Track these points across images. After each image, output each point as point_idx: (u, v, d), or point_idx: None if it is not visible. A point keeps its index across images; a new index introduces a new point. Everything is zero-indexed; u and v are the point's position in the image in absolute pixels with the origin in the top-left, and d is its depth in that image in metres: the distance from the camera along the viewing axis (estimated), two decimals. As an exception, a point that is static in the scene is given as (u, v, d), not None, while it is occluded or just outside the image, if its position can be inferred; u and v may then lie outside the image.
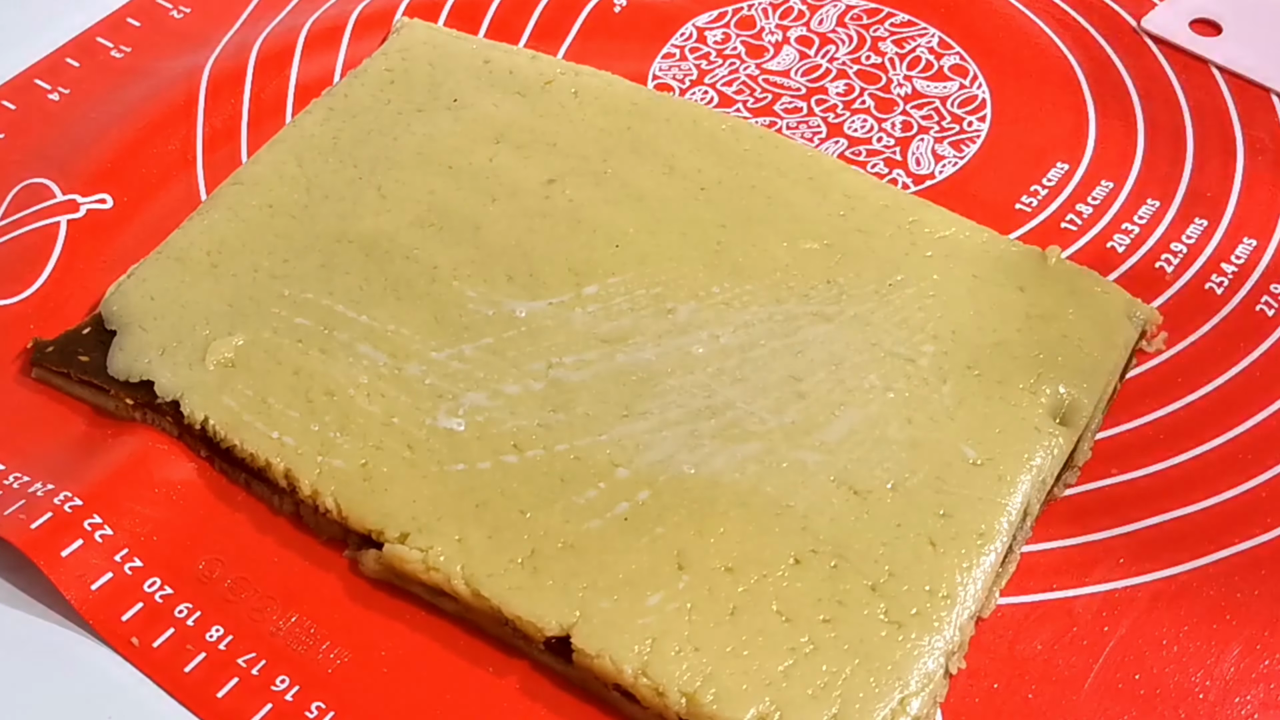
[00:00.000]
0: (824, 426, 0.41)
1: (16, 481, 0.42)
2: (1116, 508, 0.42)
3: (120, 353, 0.44)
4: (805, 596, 0.38)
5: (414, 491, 0.40)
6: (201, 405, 0.42)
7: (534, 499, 0.40)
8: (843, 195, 0.48)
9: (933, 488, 0.40)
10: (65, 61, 0.57)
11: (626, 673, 0.36)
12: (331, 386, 0.43)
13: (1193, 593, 0.40)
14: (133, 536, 0.41)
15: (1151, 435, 0.44)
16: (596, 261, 0.46)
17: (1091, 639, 0.39)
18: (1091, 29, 0.58)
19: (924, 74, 0.56)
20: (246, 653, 0.39)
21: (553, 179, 0.49)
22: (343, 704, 0.38)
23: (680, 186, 0.48)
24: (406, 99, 0.52)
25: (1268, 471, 0.43)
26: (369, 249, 0.46)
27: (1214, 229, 0.50)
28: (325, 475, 0.40)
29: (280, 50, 0.57)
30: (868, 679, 0.36)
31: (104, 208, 0.51)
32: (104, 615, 0.39)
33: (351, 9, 0.59)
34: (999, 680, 0.38)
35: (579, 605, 0.37)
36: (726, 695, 0.36)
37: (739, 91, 0.56)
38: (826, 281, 0.45)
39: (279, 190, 0.49)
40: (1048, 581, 0.40)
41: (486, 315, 0.44)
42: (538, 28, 0.58)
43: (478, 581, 0.38)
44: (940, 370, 0.43)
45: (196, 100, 0.55)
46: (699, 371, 0.43)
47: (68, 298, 0.48)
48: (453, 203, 0.48)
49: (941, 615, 0.37)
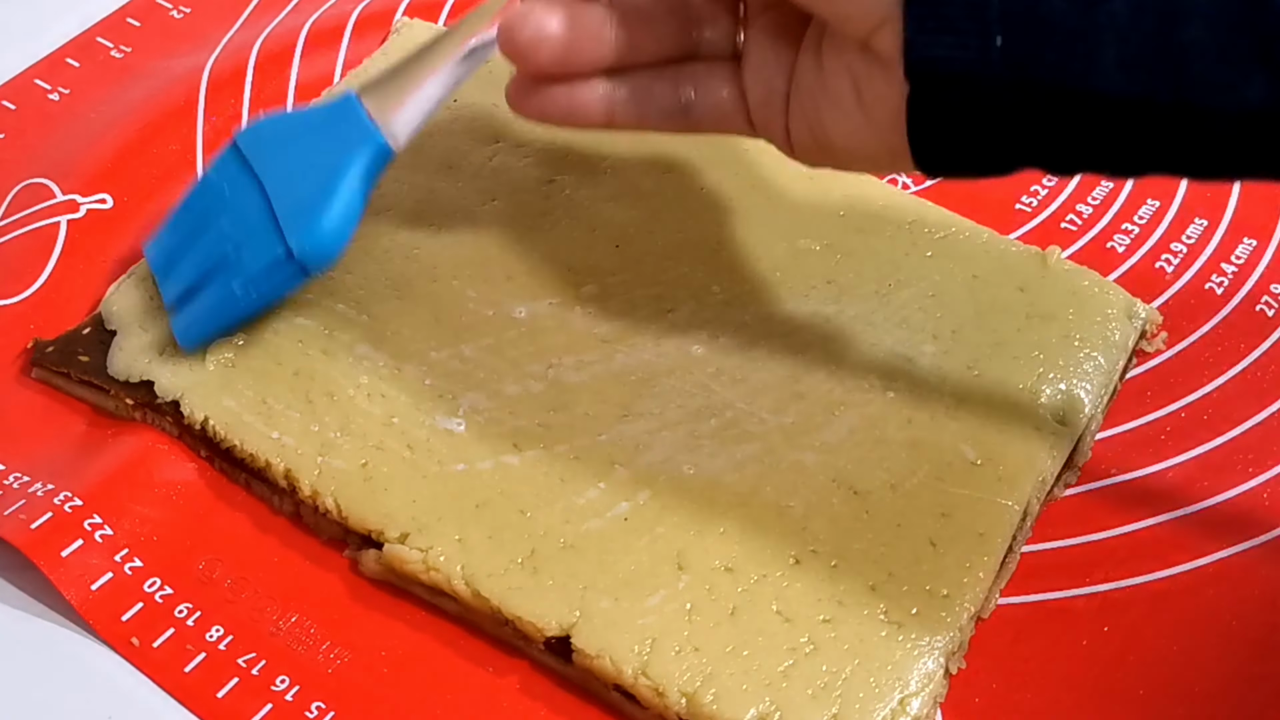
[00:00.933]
0: (824, 426, 0.41)
1: (16, 481, 0.42)
2: (1116, 508, 0.42)
3: (120, 353, 0.44)
4: (805, 596, 0.38)
5: (414, 491, 0.40)
6: (201, 405, 0.42)
7: (534, 499, 0.40)
8: (843, 195, 0.48)
9: (933, 488, 0.40)
10: (65, 61, 0.57)
11: (626, 673, 0.36)
12: (331, 387, 0.42)
13: (1193, 593, 0.40)
14: (133, 536, 0.41)
15: (1151, 435, 0.44)
16: (596, 261, 0.46)
17: (1091, 639, 0.39)
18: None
19: (924, 74, 0.56)
20: (246, 653, 0.39)
21: (552, 179, 0.49)
22: (343, 704, 0.38)
23: (680, 186, 0.48)
24: (406, 99, 0.52)
25: (1268, 471, 0.43)
26: (369, 249, 0.46)
27: (1214, 229, 0.50)
28: (325, 475, 0.40)
29: (280, 50, 0.57)
30: (868, 679, 0.36)
31: (104, 208, 0.51)
32: (104, 615, 0.39)
33: (351, 9, 0.59)
34: (999, 680, 0.38)
35: (579, 605, 0.37)
36: (726, 695, 0.36)
37: (739, 91, 0.56)
38: (826, 281, 0.45)
39: (279, 190, 0.49)
40: (1048, 581, 0.40)
41: (486, 315, 0.44)
42: (538, 28, 0.58)
43: (478, 581, 0.38)
44: (940, 370, 0.43)
45: (196, 100, 0.55)
46: (698, 372, 0.43)
47: (68, 298, 0.48)
48: (452, 202, 0.48)
49: (941, 615, 0.37)
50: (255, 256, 0.41)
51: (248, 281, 0.41)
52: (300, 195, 0.41)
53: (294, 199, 0.41)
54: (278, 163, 0.42)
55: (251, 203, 0.42)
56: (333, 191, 0.40)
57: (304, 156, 0.42)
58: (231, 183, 0.43)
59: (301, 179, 0.41)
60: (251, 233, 0.41)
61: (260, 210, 0.41)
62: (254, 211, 0.41)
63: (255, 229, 0.41)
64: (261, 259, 0.41)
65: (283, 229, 0.40)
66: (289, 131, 0.43)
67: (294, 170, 0.41)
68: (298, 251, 0.40)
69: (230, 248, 0.42)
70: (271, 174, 0.42)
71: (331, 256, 0.41)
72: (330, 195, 0.40)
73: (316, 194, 0.40)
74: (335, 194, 0.40)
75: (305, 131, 0.42)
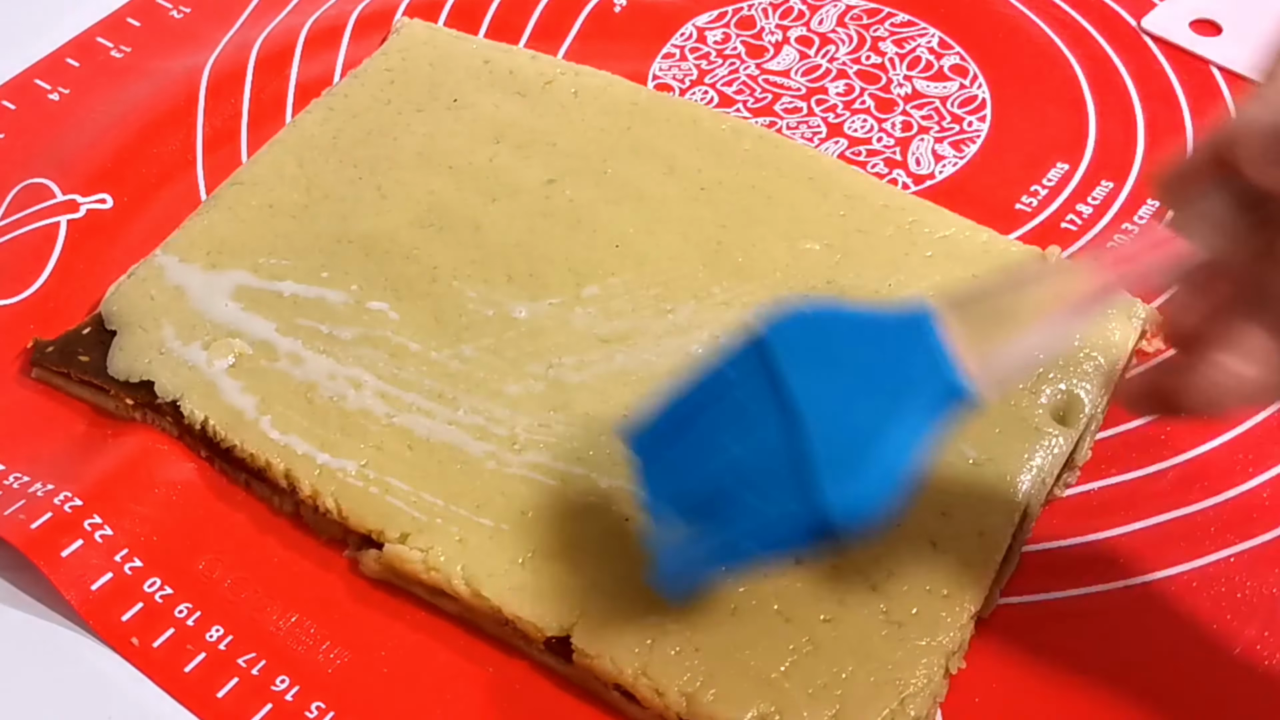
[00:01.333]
0: (824, 426, 0.41)
1: (16, 481, 0.42)
2: (1116, 508, 0.42)
3: (120, 353, 0.44)
4: (805, 596, 0.38)
5: (414, 491, 0.40)
6: (201, 405, 0.42)
7: (534, 499, 0.40)
8: (843, 195, 0.48)
9: (933, 488, 0.40)
10: (65, 61, 0.57)
11: (627, 673, 0.36)
12: (331, 387, 0.42)
13: (1193, 593, 0.40)
14: (133, 536, 0.41)
15: (1151, 435, 0.44)
16: (596, 262, 0.46)
17: (1091, 639, 0.39)
18: (1091, 29, 0.58)
19: (924, 74, 0.56)
20: (246, 653, 0.39)
21: (553, 179, 0.49)
22: (343, 704, 0.38)
23: (680, 186, 0.48)
24: (406, 99, 0.52)
25: (1268, 471, 0.43)
26: (369, 249, 0.46)
27: (1214, 229, 0.50)
28: (325, 475, 0.40)
29: (280, 50, 0.57)
30: (868, 679, 0.36)
31: (104, 208, 0.51)
32: (104, 615, 0.39)
33: (351, 9, 0.59)
34: (999, 680, 0.38)
35: (579, 605, 0.37)
36: (726, 695, 0.36)
37: (739, 91, 0.56)
38: (826, 281, 0.45)
39: (279, 190, 0.49)
40: (1048, 581, 0.40)
41: (486, 315, 0.44)
42: (538, 28, 0.58)
43: (478, 582, 0.38)
44: (940, 370, 0.43)
45: (196, 100, 0.55)
46: (699, 371, 0.43)
47: (68, 298, 0.48)
48: (453, 203, 0.48)
49: (941, 615, 0.37)
50: (768, 500, 0.31)
51: (754, 530, 0.32)
52: (838, 432, 0.31)
53: (830, 435, 0.31)
54: (815, 380, 0.31)
55: (770, 425, 0.31)
56: (882, 434, 0.30)
57: (850, 378, 0.31)
58: (749, 391, 0.32)
59: (844, 410, 0.31)
60: (767, 468, 0.31)
61: (780, 439, 0.31)
62: (772, 438, 0.31)
63: (772, 464, 0.31)
64: (777, 506, 0.31)
65: (814, 473, 0.30)
66: (835, 339, 0.32)
67: (835, 395, 0.31)
68: (831, 505, 0.30)
69: (734, 480, 0.32)
70: (808, 394, 0.31)
71: (867, 518, 0.30)
72: (878, 438, 0.30)
73: (861, 434, 0.30)
74: (885, 438, 0.30)
75: (857, 343, 0.32)
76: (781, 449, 0.31)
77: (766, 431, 0.31)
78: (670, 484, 0.34)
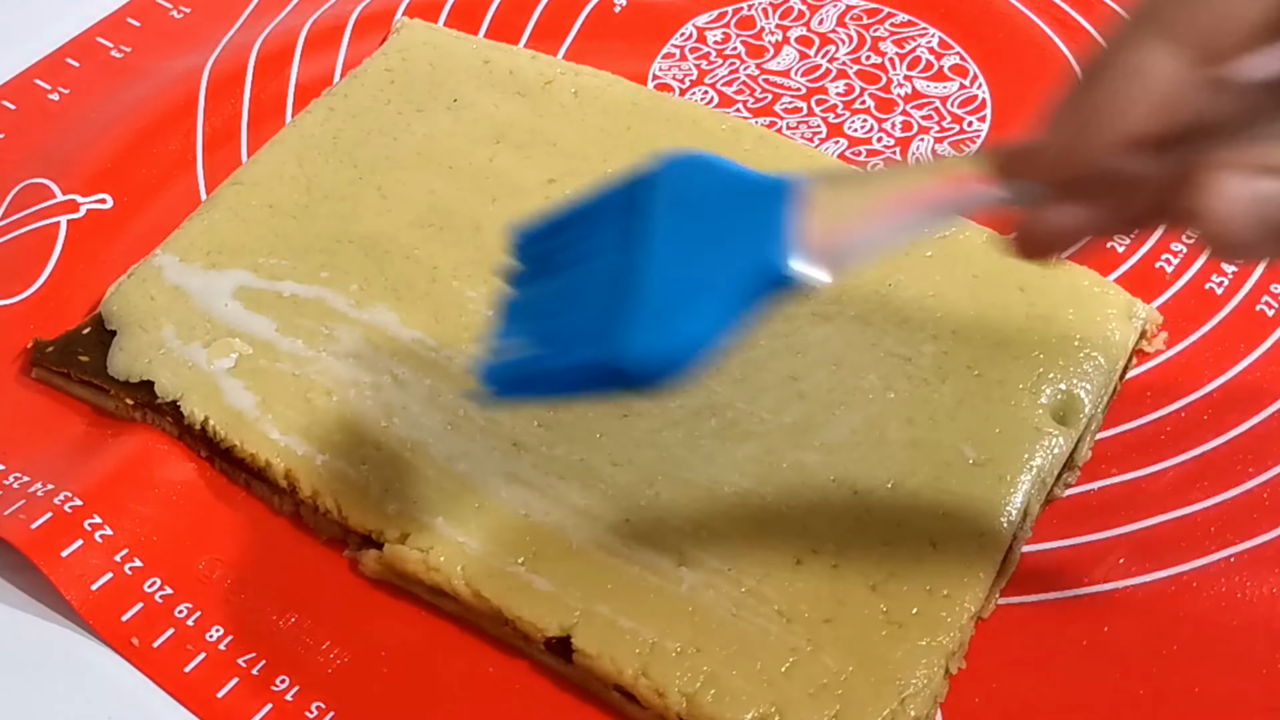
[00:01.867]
0: (824, 426, 0.41)
1: (16, 481, 0.42)
2: (1116, 508, 0.42)
3: (120, 353, 0.44)
4: (805, 596, 0.38)
5: (414, 492, 0.40)
6: (201, 405, 0.42)
7: (534, 499, 0.40)
8: (843, 195, 0.48)
9: (933, 488, 0.40)
10: (65, 61, 0.57)
11: (627, 673, 0.36)
12: (331, 387, 0.42)
13: (1193, 593, 0.40)
14: (133, 536, 0.41)
15: (1151, 435, 0.44)
16: (596, 261, 0.46)
17: (1091, 639, 0.39)
18: (1091, 29, 0.58)
19: (924, 74, 0.56)
20: (246, 653, 0.39)
21: (553, 179, 0.49)
22: (343, 704, 0.38)
23: (680, 186, 0.48)
24: (406, 99, 0.52)
25: (1268, 471, 0.43)
26: (369, 249, 0.46)
27: (1214, 229, 0.50)
28: (325, 475, 0.40)
29: (280, 50, 0.57)
30: (868, 679, 0.36)
31: (104, 208, 0.51)
32: (104, 615, 0.39)
33: (351, 9, 0.59)
34: (999, 680, 0.38)
35: (579, 605, 0.37)
36: (727, 695, 0.36)
37: (739, 91, 0.56)
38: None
39: (279, 190, 0.49)
40: (1048, 581, 0.40)
41: (486, 315, 0.44)
42: (538, 28, 0.58)
43: (478, 582, 0.38)
44: (940, 370, 0.43)
45: (196, 100, 0.55)
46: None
47: (68, 298, 0.48)
48: (453, 203, 0.48)
49: (941, 615, 0.37)
50: (585, 334, 0.31)
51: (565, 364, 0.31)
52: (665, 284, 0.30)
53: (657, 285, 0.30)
54: (671, 229, 0.31)
55: (610, 262, 0.31)
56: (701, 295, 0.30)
57: (702, 235, 0.31)
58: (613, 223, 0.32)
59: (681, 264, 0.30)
60: (599, 300, 0.31)
61: (624, 274, 0.31)
62: (619, 271, 0.31)
63: (604, 297, 0.31)
64: (587, 343, 0.31)
65: (622, 319, 0.30)
66: (711, 194, 0.31)
67: (680, 248, 0.31)
68: (624, 353, 0.30)
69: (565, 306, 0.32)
70: (660, 240, 0.31)
71: (657, 377, 0.30)
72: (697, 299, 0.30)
73: (684, 290, 0.30)
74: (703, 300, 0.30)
75: (724, 202, 0.31)
76: (608, 288, 0.31)
77: (606, 266, 0.31)
78: (525, 295, 0.34)
